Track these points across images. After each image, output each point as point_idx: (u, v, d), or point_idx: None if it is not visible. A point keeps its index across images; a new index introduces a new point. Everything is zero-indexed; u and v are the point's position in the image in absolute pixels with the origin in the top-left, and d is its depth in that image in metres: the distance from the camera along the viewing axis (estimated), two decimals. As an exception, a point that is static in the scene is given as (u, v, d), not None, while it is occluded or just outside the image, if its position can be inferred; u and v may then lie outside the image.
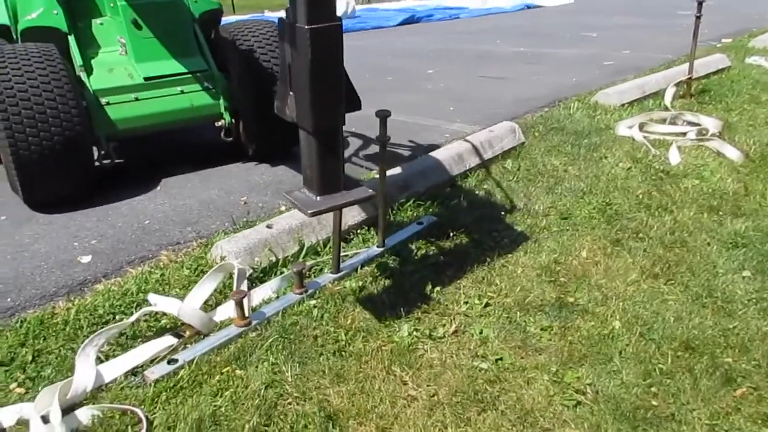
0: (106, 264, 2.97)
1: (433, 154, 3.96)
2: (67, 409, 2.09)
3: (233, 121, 4.18)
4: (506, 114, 5.40)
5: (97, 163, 3.81)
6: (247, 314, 2.54)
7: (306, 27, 2.08)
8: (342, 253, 2.94)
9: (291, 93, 2.32)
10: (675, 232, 3.30)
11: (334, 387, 2.23)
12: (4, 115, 3.30)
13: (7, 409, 2.10)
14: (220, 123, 4.15)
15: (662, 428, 2.04)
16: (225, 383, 2.24)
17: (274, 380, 2.25)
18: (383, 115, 2.77)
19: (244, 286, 2.69)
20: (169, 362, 2.32)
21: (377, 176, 2.96)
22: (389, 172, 3.77)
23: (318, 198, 2.36)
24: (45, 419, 2.02)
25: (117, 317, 2.57)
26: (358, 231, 3.30)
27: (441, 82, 7.32)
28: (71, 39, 3.90)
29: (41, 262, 3.00)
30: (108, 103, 3.78)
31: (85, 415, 2.07)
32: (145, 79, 3.92)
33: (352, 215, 3.25)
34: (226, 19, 5.00)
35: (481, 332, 2.55)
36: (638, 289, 2.82)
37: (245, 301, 2.52)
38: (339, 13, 10.78)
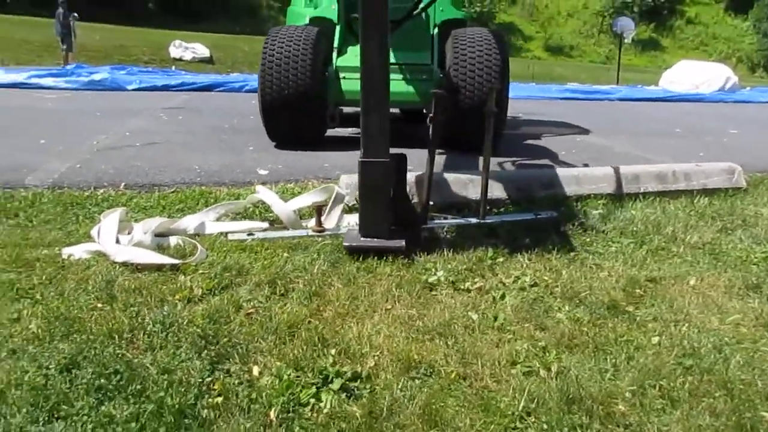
0: (272, 177, 3.81)
1: (600, 167, 3.80)
2: (166, 235, 2.89)
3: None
4: (758, 166, 4.66)
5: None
6: (324, 224, 3.02)
7: (359, 159, 2.71)
8: (439, 214, 3.19)
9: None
10: None
11: (337, 284, 2.53)
12: (261, 73, 4.50)
13: (137, 224, 2.99)
14: (426, 110, 4.71)
15: (599, 424, 1.82)
16: (269, 257, 2.74)
17: (303, 267, 2.66)
18: (492, 88, 2.96)
19: (338, 208, 3.16)
20: (248, 234, 2.95)
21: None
22: (540, 170, 3.79)
23: (361, 238, 2.81)
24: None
25: (246, 203, 3.33)
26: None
27: (726, 138, 6.56)
28: (337, 27, 4.96)
29: (237, 169, 4.00)
30: (344, 78, 4.71)
31: (171, 240, 2.83)
32: None
33: (476, 192, 3.42)
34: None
35: (503, 297, 2.52)
36: (732, 330, 2.36)
37: (325, 212, 3.00)
38: (715, 86, 10.69)
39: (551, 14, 52.25)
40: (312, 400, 1.84)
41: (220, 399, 1.80)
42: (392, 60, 4.80)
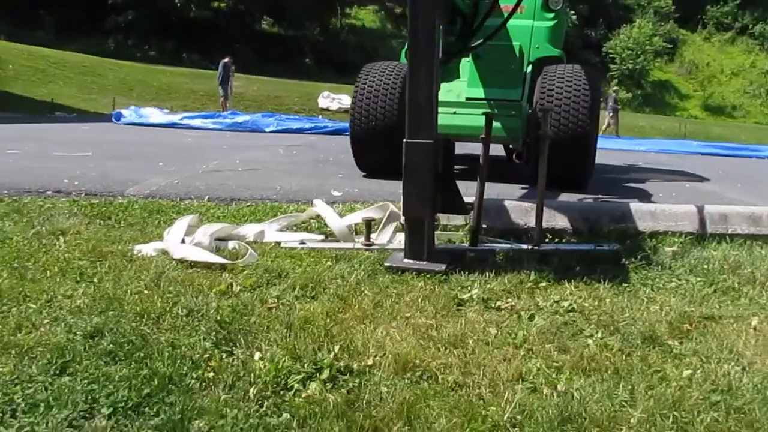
0: (344, 198, 3.97)
1: (682, 205, 3.52)
2: (227, 240, 3.12)
3: (525, 146, 4.64)
4: None
5: None
6: (376, 240, 3.09)
7: (404, 140, 2.81)
8: (492, 238, 3.16)
9: None
10: None
11: (366, 292, 2.57)
12: (352, 106, 4.87)
13: (200, 228, 3.22)
14: (512, 146, 4.66)
15: None
16: (312, 264, 2.85)
17: (341, 275, 2.72)
18: (545, 109, 2.92)
19: (392, 225, 3.21)
20: (300, 243, 3.10)
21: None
22: (612, 203, 3.62)
23: (404, 260, 2.86)
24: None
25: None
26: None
27: None
28: None
29: (315, 190, 4.21)
30: None
31: (230, 244, 3.05)
32: (467, 99, 4.79)
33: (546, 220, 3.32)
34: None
35: (531, 317, 2.43)
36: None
37: (377, 228, 3.09)
38: None
39: (713, 72, 49.37)
40: (297, 386, 1.89)
41: (211, 374, 1.90)
42: (482, 95, 4.86)
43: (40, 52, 25.14)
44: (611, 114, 22.10)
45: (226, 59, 20.48)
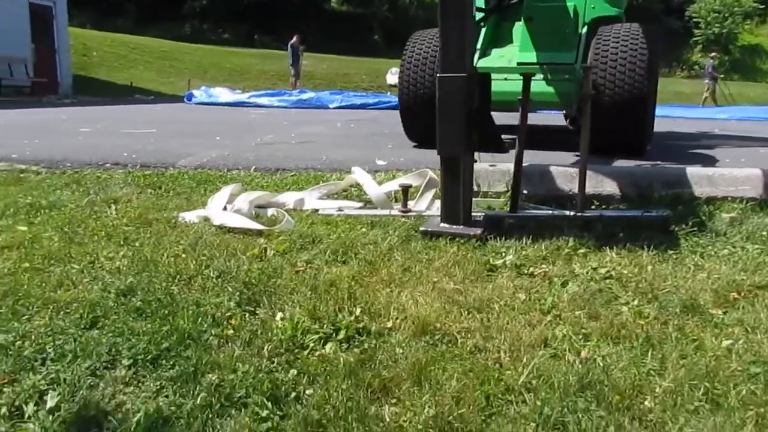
0: (387, 166, 3.92)
1: (744, 168, 3.27)
2: (266, 207, 3.16)
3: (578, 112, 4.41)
4: None
5: None
6: (415, 207, 3.06)
7: (437, 75, 2.77)
8: (534, 204, 3.06)
9: None
10: None
11: (397, 257, 2.56)
12: (401, 74, 4.77)
13: (240, 196, 3.29)
14: (566, 112, 4.46)
15: (604, 411, 1.63)
16: (347, 230, 2.84)
17: (374, 241, 2.71)
18: (588, 68, 2.78)
19: (430, 192, 3.17)
20: (338, 210, 3.10)
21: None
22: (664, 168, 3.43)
23: (440, 224, 2.78)
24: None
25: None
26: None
27: None
28: (483, 30, 4.94)
29: (361, 160, 4.16)
30: None
31: (269, 211, 3.09)
32: (518, 64, 4.61)
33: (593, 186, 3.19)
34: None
35: (563, 284, 2.34)
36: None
37: (417, 195, 3.05)
38: None
39: (811, 35, 45.54)
40: (313, 345, 1.91)
41: (230, 332, 1.95)
42: (534, 60, 4.67)
43: (121, 38, 26.28)
44: (709, 82, 21.56)
45: (293, 39, 20.71)
